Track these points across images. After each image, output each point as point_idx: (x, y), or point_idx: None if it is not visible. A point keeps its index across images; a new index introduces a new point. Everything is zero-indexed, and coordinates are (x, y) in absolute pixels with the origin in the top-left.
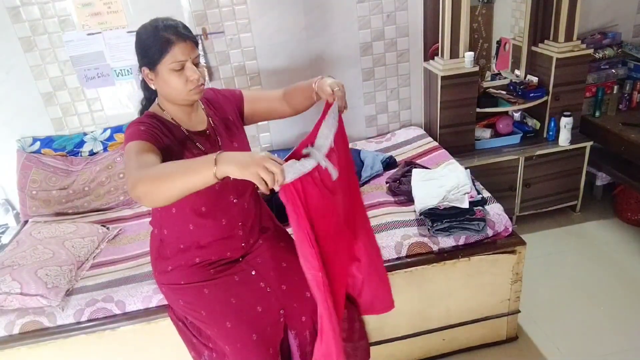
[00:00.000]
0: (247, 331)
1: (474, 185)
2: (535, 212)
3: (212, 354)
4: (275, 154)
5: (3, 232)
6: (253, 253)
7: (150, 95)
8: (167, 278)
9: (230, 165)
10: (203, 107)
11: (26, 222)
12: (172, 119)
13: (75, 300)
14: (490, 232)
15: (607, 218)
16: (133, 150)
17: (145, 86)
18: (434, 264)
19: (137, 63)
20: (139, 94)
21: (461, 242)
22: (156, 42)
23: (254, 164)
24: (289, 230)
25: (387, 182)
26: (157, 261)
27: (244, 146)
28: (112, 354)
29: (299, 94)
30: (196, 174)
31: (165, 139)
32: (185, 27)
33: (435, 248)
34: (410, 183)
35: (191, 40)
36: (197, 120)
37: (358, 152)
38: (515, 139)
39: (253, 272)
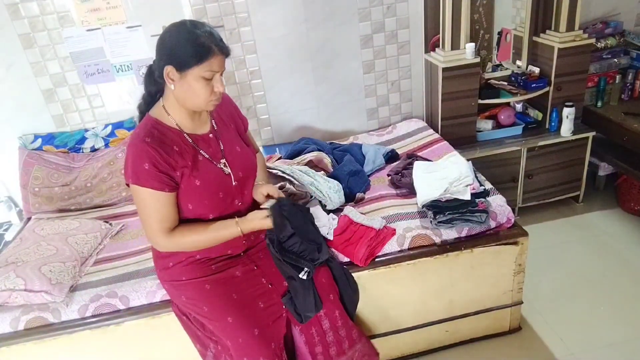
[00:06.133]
0: (248, 326)
1: (476, 177)
2: (537, 203)
3: (217, 346)
4: (277, 149)
5: (6, 230)
6: (255, 248)
7: (155, 92)
8: (168, 274)
9: (252, 228)
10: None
11: (29, 219)
12: (176, 124)
13: (79, 296)
14: (492, 224)
15: (610, 208)
16: (148, 204)
17: (151, 81)
18: (437, 256)
19: (158, 59)
20: (140, 90)
21: (464, 234)
22: (195, 46)
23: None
24: None
25: (388, 175)
26: (158, 259)
27: (246, 151)
28: (117, 349)
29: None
30: (226, 240)
31: (171, 160)
32: (221, 38)
33: (437, 240)
34: (412, 175)
35: (228, 54)
36: (201, 123)
37: (359, 146)
38: (517, 130)
39: (255, 268)
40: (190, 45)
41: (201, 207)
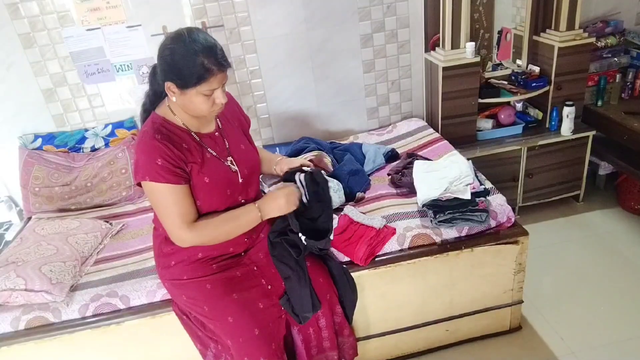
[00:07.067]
0: (249, 326)
1: (476, 176)
2: (538, 202)
3: (218, 346)
4: (277, 148)
5: (7, 229)
6: (255, 247)
7: (160, 91)
8: (169, 273)
9: (272, 212)
10: None
11: (29, 218)
12: (183, 124)
13: (79, 295)
14: (493, 223)
15: (610, 207)
16: (165, 200)
17: (156, 80)
18: (437, 255)
19: (159, 70)
20: (140, 89)
21: (464, 233)
22: (195, 67)
23: (286, 206)
24: None
25: (389, 174)
26: (160, 257)
27: (250, 149)
28: (117, 348)
29: (264, 162)
30: (248, 227)
31: (182, 154)
32: (222, 51)
33: (438, 239)
34: (412, 175)
35: (228, 68)
36: (206, 122)
37: (360, 145)
38: (518, 129)
39: (255, 268)
40: (188, 67)
41: (209, 204)
